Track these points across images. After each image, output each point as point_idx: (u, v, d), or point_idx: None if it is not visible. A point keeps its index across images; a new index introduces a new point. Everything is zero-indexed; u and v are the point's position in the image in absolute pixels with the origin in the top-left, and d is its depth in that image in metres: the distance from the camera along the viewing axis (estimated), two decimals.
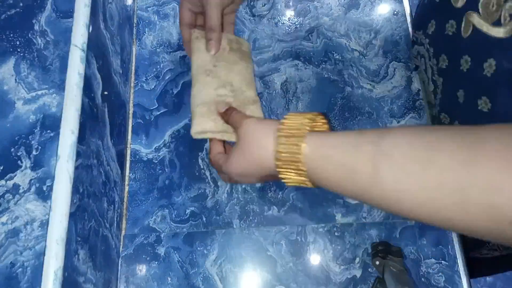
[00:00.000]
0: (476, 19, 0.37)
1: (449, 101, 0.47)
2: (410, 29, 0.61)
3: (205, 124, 0.40)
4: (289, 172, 0.33)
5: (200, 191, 0.52)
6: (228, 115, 0.40)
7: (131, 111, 0.55)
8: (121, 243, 0.49)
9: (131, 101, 0.56)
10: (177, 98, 0.56)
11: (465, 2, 0.39)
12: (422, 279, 0.49)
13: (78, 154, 0.37)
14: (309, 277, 0.48)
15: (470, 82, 0.40)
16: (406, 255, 0.49)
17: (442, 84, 0.47)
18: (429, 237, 0.51)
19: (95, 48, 0.43)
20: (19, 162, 0.36)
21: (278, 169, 0.33)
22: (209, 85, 0.42)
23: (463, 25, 0.39)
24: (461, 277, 0.49)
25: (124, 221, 0.50)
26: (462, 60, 0.40)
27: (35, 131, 0.37)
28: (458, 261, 0.50)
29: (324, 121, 0.36)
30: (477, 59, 0.38)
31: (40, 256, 0.33)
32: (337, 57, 0.59)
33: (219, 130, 0.41)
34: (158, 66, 0.57)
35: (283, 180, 0.34)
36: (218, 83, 0.43)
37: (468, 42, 0.39)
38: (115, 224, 0.48)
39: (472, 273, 0.50)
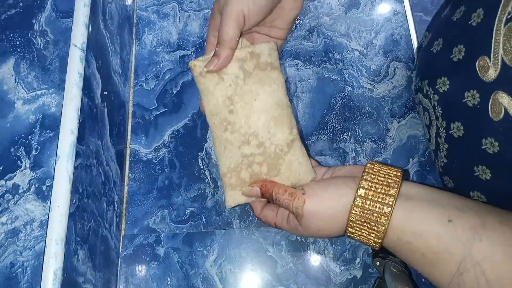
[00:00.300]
0: (508, 103, 0.30)
1: (459, 171, 0.40)
2: (410, 29, 0.60)
3: (238, 198, 0.38)
4: (362, 229, 0.32)
5: (199, 191, 0.52)
6: (274, 198, 0.36)
7: (130, 111, 0.55)
8: (121, 244, 0.49)
9: (130, 101, 0.55)
10: (176, 98, 0.56)
11: (496, 78, 0.31)
12: (423, 279, 0.49)
13: (78, 154, 0.37)
14: (310, 277, 0.48)
15: (498, 165, 0.34)
16: None
17: (447, 150, 0.40)
18: None
19: (95, 48, 0.43)
20: (18, 162, 0.36)
21: (350, 223, 0.32)
22: (230, 144, 0.37)
23: (490, 103, 0.32)
24: None
25: (123, 222, 0.50)
26: (486, 140, 0.33)
27: (35, 131, 0.37)
28: None
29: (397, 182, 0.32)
30: (510, 146, 0.32)
31: (39, 256, 0.33)
32: (338, 56, 0.59)
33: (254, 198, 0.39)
34: (158, 66, 0.57)
35: (348, 234, 0.34)
36: (239, 139, 0.37)
37: (497, 125, 0.32)
38: (114, 225, 0.48)
39: None
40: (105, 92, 0.46)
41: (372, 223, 0.31)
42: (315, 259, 0.49)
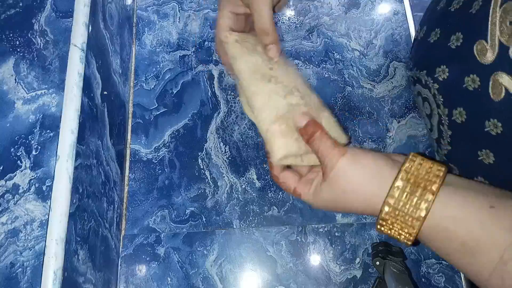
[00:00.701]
0: (510, 83, 0.31)
1: (463, 157, 0.41)
2: (410, 29, 0.60)
3: (290, 146, 0.34)
4: (392, 228, 0.29)
5: (200, 191, 0.52)
6: (315, 138, 0.33)
7: (130, 111, 0.55)
8: (121, 243, 0.49)
9: (130, 101, 0.55)
10: (176, 98, 0.56)
11: (494, 60, 0.32)
12: (423, 279, 0.49)
13: (78, 154, 0.37)
14: (309, 277, 0.48)
15: (502, 146, 0.34)
16: (407, 255, 0.49)
17: (451, 137, 0.41)
18: None
19: (95, 48, 0.43)
20: (18, 162, 0.36)
21: (380, 221, 0.29)
22: (276, 93, 0.35)
23: (490, 85, 0.33)
24: (461, 277, 0.49)
25: (123, 222, 0.50)
26: (489, 122, 0.34)
27: (35, 131, 0.37)
28: None
29: (441, 174, 0.29)
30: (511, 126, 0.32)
31: (39, 256, 0.33)
32: (338, 56, 0.59)
33: (304, 151, 0.35)
34: (158, 66, 0.57)
35: (377, 229, 0.30)
36: (284, 89, 0.36)
37: (499, 105, 0.33)
38: (114, 224, 0.48)
39: None
40: (105, 92, 0.46)
41: (403, 224, 0.28)
42: (315, 259, 0.49)
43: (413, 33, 0.60)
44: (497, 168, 0.35)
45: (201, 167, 0.53)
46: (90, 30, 0.41)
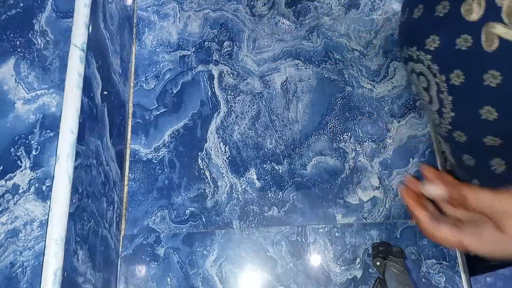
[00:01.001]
0: (502, 30, 0.33)
1: (467, 120, 0.42)
2: None
3: None
4: None
5: (199, 191, 0.52)
6: (468, 202, 0.29)
7: (130, 111, 0.55)
8: (121, 244, 0.49)
9: (130, 101, 0.55)
10: (176, 98, 0.56)
11: (483, 14, 0.34)
12: (423, 279, 0.49)
13: (78, 154, 0.37)
14: (310, 277, 0.48)
15: (502, 98, 0.35)
16: (407, 255, 0.49)
17: (452, 103, 0.42)
18: None
19: (95, 48, 0.43)
20: (18, 162, 0.36)
21: None
22: None
23: (483, 38, 0.35)
24: (462, 277, 0.49)
25: (123, 222, 0.50)
26: (487, 75, 0.35)
27: (35, 131, 0.37)
28: (459, 262, 0.50)
29: None
30: (510, 73, 0.34)
31: (39, 256, 0.33)
32: (337, 56, 0.59)
33: None
34: (158, 66, 0.57)
35: None
36: None
37: (494, 55, 0.34)
38: (114, 225, 0.48)
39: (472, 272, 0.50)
40: (105, 92, 0.46)
41: None
42: (315, 259, 0.49)
43: None
44: (502, 124, 0.35)
45: (201, 167, 0.53)
46: (90, 30, 0.41)
